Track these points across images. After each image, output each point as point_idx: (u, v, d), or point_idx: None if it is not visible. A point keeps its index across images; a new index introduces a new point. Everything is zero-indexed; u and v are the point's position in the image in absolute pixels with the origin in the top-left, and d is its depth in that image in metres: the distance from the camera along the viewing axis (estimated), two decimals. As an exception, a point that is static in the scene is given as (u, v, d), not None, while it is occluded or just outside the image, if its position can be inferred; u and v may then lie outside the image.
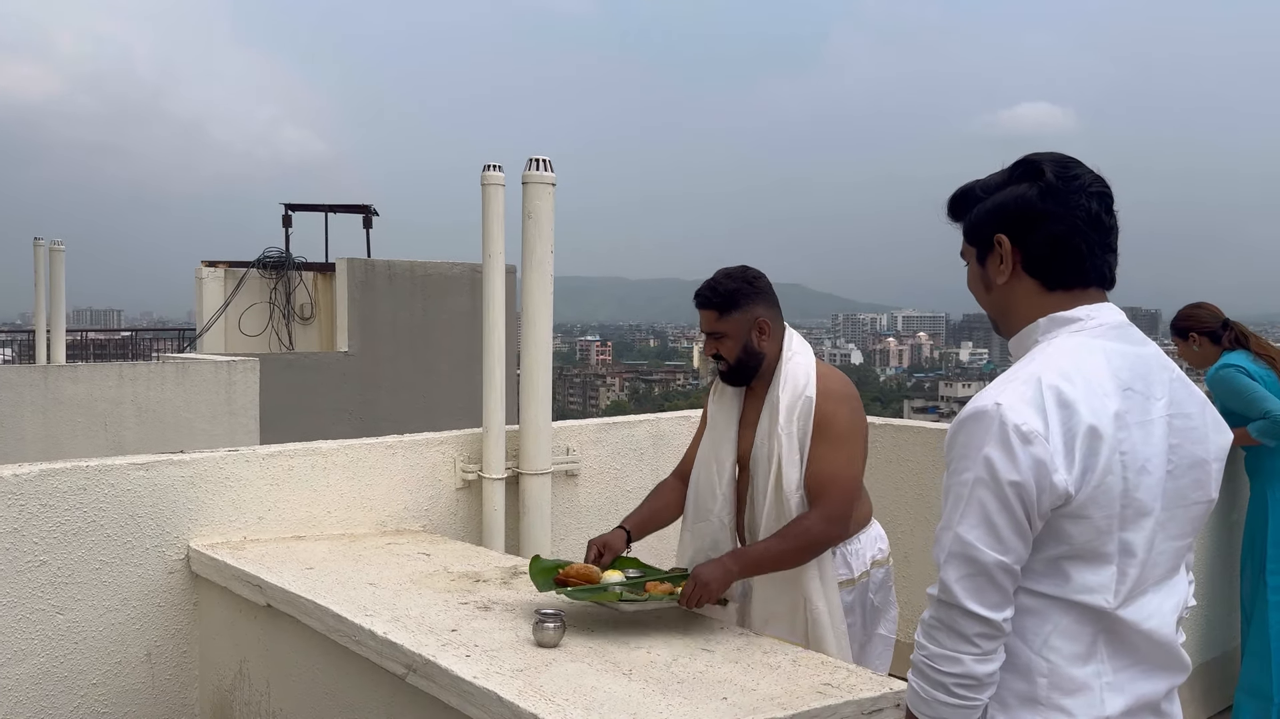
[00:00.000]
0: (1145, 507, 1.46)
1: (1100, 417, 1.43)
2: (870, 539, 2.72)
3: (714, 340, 2.70)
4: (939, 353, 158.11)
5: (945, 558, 1.45)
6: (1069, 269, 1.55)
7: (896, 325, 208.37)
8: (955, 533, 1.43)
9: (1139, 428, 1.46)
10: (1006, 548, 1.41)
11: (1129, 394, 1.47)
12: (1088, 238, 1.54)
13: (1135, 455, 1.45)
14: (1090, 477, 1.42)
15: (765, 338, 2.68)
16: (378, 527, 3.50)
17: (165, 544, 3.07)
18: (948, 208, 1.68)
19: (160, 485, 3.05)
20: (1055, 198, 1.54)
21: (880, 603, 2.73)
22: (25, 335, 14.92)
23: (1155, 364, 1.54)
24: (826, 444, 2.55)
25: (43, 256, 9.36)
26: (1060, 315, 1.54)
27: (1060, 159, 1.58)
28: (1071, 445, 1.41)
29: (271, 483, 3.27)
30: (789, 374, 2.63)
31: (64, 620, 2.91)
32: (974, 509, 1.42)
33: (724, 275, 2.71)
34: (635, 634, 2.36)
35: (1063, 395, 1.42)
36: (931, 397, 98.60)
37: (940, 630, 1.45)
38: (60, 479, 2.89)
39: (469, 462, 3.77)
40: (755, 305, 2.68)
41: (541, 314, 3.86)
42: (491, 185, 3.80)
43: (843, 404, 2.60)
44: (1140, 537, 1.46)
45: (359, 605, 2.51)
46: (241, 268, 11.08)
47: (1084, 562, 1.45)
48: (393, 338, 10.51)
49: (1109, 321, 1.54)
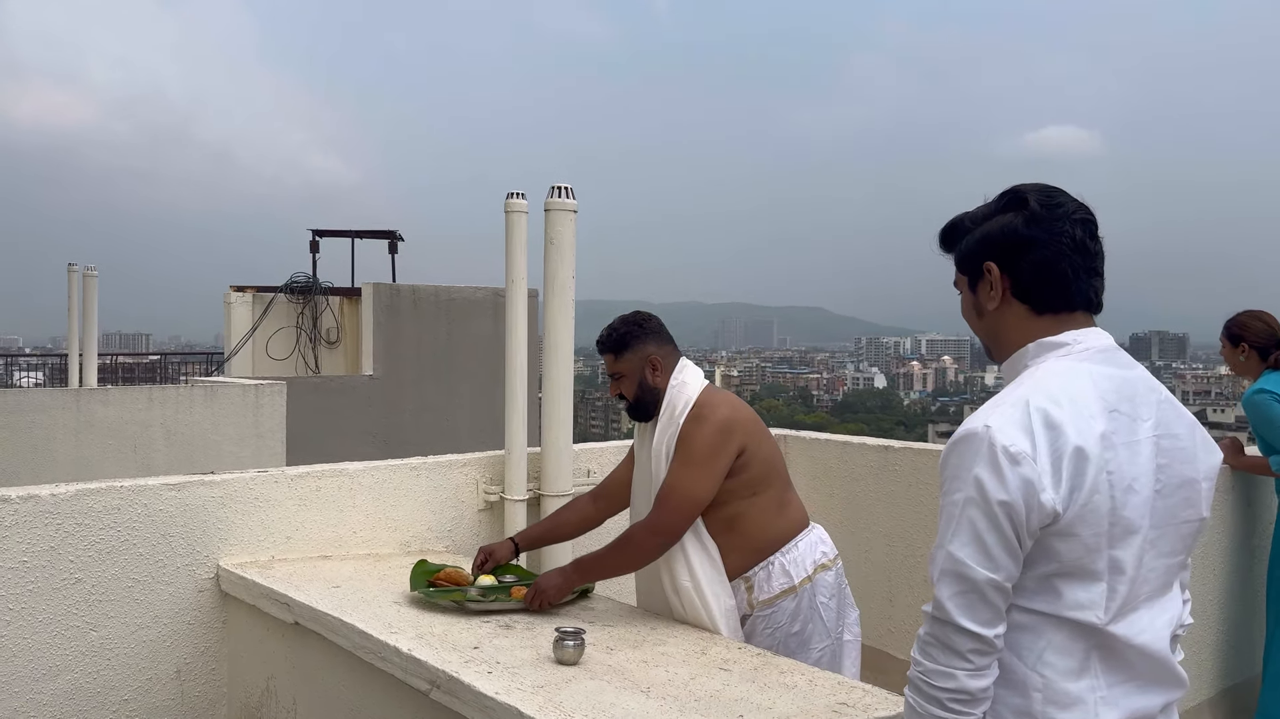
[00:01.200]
0: (1133, 524, 1.51)
1: (1086, 438, 1.47)
2: (809, 544, 2.81)
3: (615, 382, 2.94)
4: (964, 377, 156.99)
5: (938, 575, 1.50)
6: (1055, 293, 1.61)
7: (920, 349, 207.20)
8: (947, 551, 1.48)
9: (1125, 448, 1.51)
10: (997, 565, 1.46)
11: (1115, 415, 1.52)
12: (1072, 262, 1.60)
13: (1122, 475, 1.50)
14: (1078, 496, 1.46)
15: (658, 374, 2.88)
16: (402, 547, 3.57)
17: (196, 563, 3.14)
18: (939, 239, 1.77)
19: (191, 505, 3.13)
20: (1040, 225, 1.61)
21: (838, 607, 2.80)
22: (57, 359, 15.17)
23: (1142, 386, 1.60)
24: (677, 460, 2.72)
25: (76, 282, 9.55)
26: (1048, 340, 1.61)
27: (1044, 189, 1.65)
28: (1059, 465, 1.46)
29: (299, 503, 3.34)
30: (669, 401, 2.83)
31: (97, 637, 2.98)
32: (965, 528, 1.47)
33: (619, 321, 2.96)
34: (654, 653, 2.40)
35: (1050, 417, 1.47)
36: (956, 421, 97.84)
37: (934, 647, 1.50)
38: (95, 499, 2.97)
39: (491, 483, 3.83)
40: (646, 344, 2.90)
41: (563, 338, 3.92)
42: (515, 213, 3.87)
43: (701, 423, 2.73)
44: (1129, 554, 1.51)
45: (384, 623, 2.57)
46: (269, 292, 11.26)
47: (1074, 579, 1.50)
48: (417, 361, 10.63)
49: (1096, 345, 1.60)
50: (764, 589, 2.73)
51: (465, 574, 2.90)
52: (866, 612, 3.14)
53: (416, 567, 2.94)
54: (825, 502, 4.51)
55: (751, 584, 2.74)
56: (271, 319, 11.21)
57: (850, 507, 4.44)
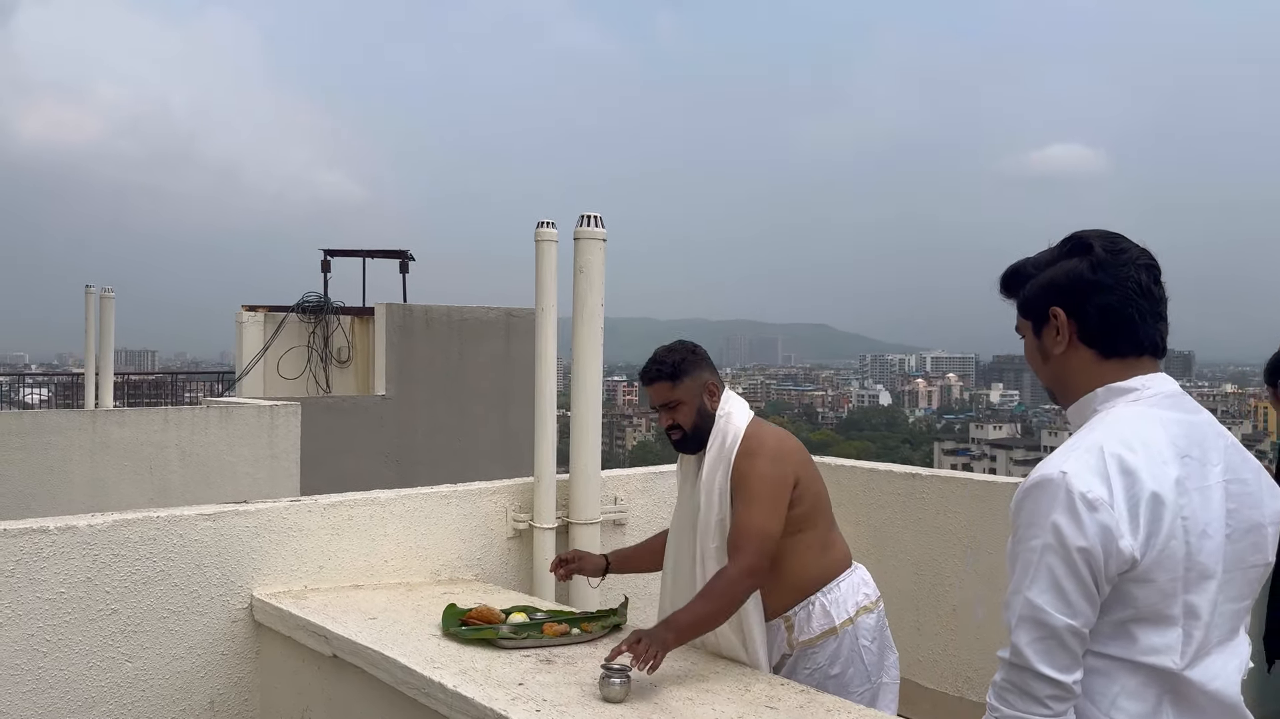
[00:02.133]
0: (1208, 570, 1.51)
1: (1162, 483, 1.48)
2: (852, 586, 2.77)
3: (669, 411, 2.84)
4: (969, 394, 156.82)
5: (1016, 622, 1.50)
6: (1123, 337, 1.62)
7: (925, 366, 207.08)
8: (1025, 597, 1.48)
9: (1199, 493, 1.52)
10: (1075, 612, 1.46)
11: (1187, 461, 1.53)
12: (1139, 306, 1.61)
13: (1196, 520, 1.51)
14: (1155, 541, 1.47)
15: (715, 399, 2.84)
16: (432, 575, 3.56)
17: (230, 593, 3.14)
18: (1000, 285, 1.77)
19: (226, 535, 3.13)
20: (1106, 270, 1.62)
21: (879, 650, 2.76)
22: (64, 378, 15.20)
23: (1210, 431, 1.61)
24: (740, 500, 2.65)
25: (93, 303, 9.58)
26: (1117, 385, 1.61)
27: (1107, 235, 1.66)
28: (1135, 512, 1.47)
29: (332, 532, 3.34)
30: (718, 432, 2.78)
31: (132, 668, 2.98)
32: (1043, 575, 1.47)
33: (666, 350, 2.88)
34: (699, 690, 2.39)
35: (1125, 463, 1.48)
36: (962, 439, 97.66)
37: (1012, 693, 1.49)
38: (132, 529, 2.97)
39: (520, 511, 3.82)
40: (702, 371, 2.85)
41: (591, 365, 3.93)
42: (545, 241, 3.89)
43: (755, 460, 2.68)
44: (1204, 599, 1.51)
45: (426, 657, 2.56)
46: (280, 312, 11.29)
47: (1150, 624, 1.50)
48: (428, 381, 10.64)
49: (1163, 391, 1.61)
50: (804, 629, 2.71)
51: (497, 612, 2.87)
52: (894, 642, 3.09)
53: (448, 610, 2.91)
54: (851, 529, 4.49)
55: (792, 623, 2.72)
56: (283, 339, 11.23)
57: (876, 535, 4.43)
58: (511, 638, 2.72)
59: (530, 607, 3.04)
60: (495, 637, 2.72)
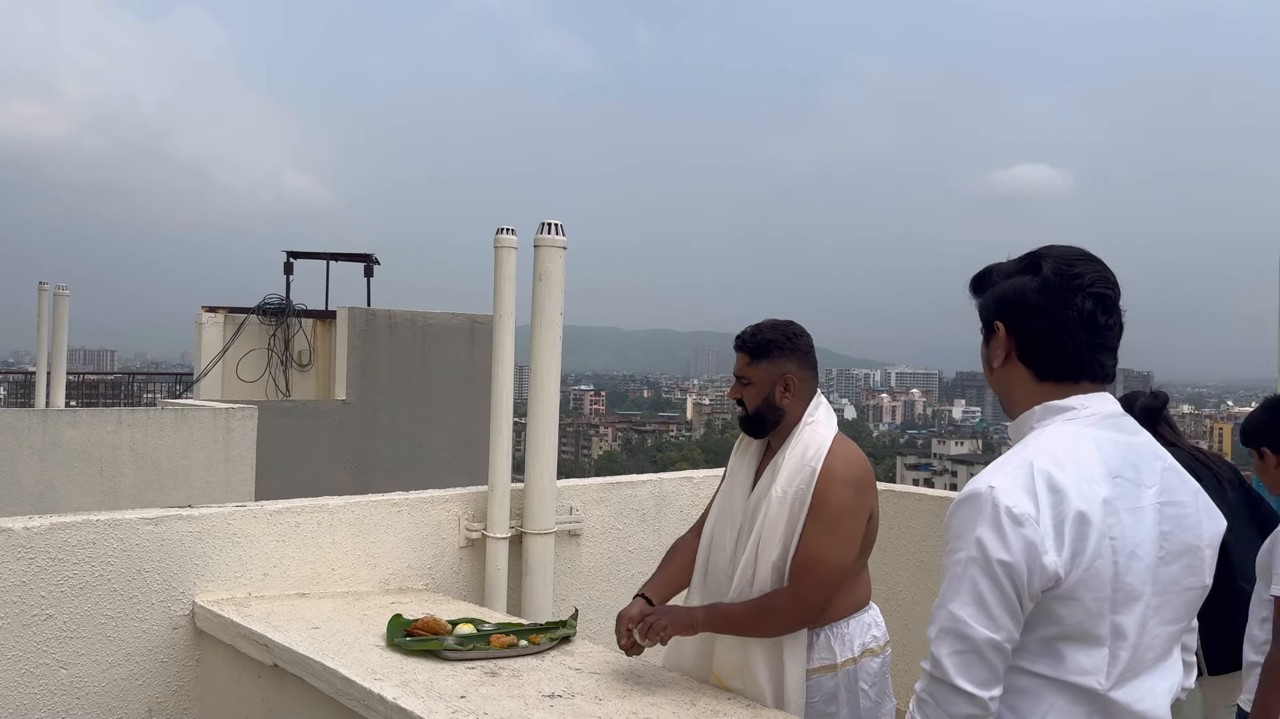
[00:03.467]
0: (1135, 591, 1.51)
1: (1089, 502, 1.48)
2: (862, 625, 2.60)
3: (740, 385, 2.68)
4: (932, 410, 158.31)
5: (937, 633, 1.50)
6: (1056, 363, 1.61)
7: (890, 381, 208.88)
8: (948, 610, 1.49)
9: (1129, 514, 1.52)
10: (997, 625, 1.46)
11: (1118, 481, 1.53)
12: (1075, 336, 1.59)
13: (1125, 541, 1.50)
14: (1080, 560, 1.47)
15: (789, 395, 2.63)
16: (381, 585, 3.51)
17: (170, 599, 3.07)
18: (970, 284, 1.76)
19: (168, 540, 3.06)
20: (1048, 294, 1.60)
21: (877, 696, 2.59)
22: (18, 375, 14.88)
23: (1146, 453, 1.61)
24: (816, 524, 2.46)
25: (46, 301, 9.41)
26: (1054, 404, 1.61)
27: (1067, 255, 1.63)
28: (1061, 529, 1.47)
29: (278, 539, 3.28)
30: (801, 439, 2.57)
31: (67, 675, 2.90)
32: (966, 587, 1.47)
33: (768, 325, 2.69)
34: (643, 704, 2.36)
35: (1053, 481, 1.48)
36: (925, 454, 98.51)
37: (929, 705, 1.50)
38: (70, 533, 2.90)
39: (473, 520, 3.78)
40: (787, 361, 2.64)
41: (549, 374, 3.90)
42: (504, 248, 3.86)
43: (844, 486, 2.49)
44: (1131, 620, 1.51)
45: (367, 668, 2.51)
46: (241, 313, 11.15)
47: (1077, 643, 1.50)
48: (390, 387, 10.54)
49: (1101, 411, 1.60)
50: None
51: (443, 623, 2.82)
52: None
53: (393, 620, 2.85)
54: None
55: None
56: (243, 340, 11.09)
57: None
58: (457, 649, 2.68)
59: (478, 619, 3.00)
60: (440, 648, 2.68)
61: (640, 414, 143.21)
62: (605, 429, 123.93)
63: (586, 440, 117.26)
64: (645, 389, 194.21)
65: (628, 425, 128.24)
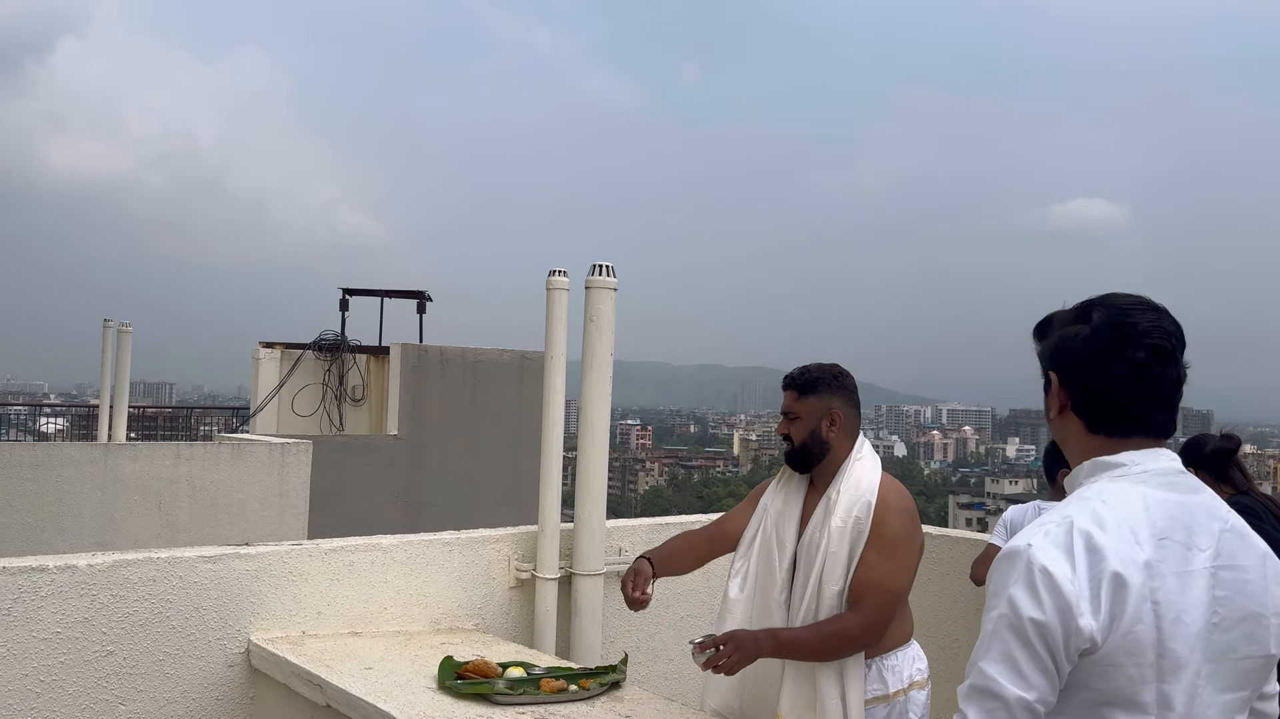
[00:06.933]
0: (1182, 658, 1.45)
1: (1127, 564, 1.44)
2: (908, 658, 2.72)
3: (787, 420, 2.84)
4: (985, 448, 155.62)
5: (968, 690, 1.47)
6: (1106, 417, 1.57)
7: (941, 419, 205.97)
8: (979, 668, 1.46)
9: (1176, 578, 1.47)
10: (1029, 685, 1.42)
11: (1165, 543, 1.48)
12: (1127, 389, 1.55)
13: (1170, 605, 1.45)
14: (1119, 624, 1.42)
15: (834, 430, 2.78)
16: (431, 624, 3.52)
17: (227, 637, 3.11)
18: (1034, 331, 1.73)
19: (225, 578, 3.11)
20: (1098, 344, 1.56)
21: None
22: (80, 409, 15.28)
23: (1203, 513, 1.54)
24: (876, 551, 2.60)
25: (110, 337, 9.67)
26: (1103, 460, 1.57)
27: (1123, 306, 1.58)
28: (1098, 590, 1.42)
29: (332, 578, 3.32)
30: (852, 474, 2.72)
31: (126, 711, 2.95)
32: (998, 645, 1.44)
33: (815, 365, 2.88)
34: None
35: (1092, 541, 1.44)
36: (978, 492, 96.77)
37: None
38: (132, 570, 2.96)
39: (523, 560, 3.79)
40: (833, 397, 2.81)
41: (600, 415, 3.92)
42: (556, 289, 3.90)
43: (900, 515, 2.64)
44: (1178, 689, 1.45)
45: (419, 712, 2.52)
46: (297, 349, 11.36)
47: (1121, 709, 1.45)
48: (441, 422, 10.64)
49: (1155, 469, 1.55)
50: None
51: (494, 666, 2.84)
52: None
53: (444, 662, 2.87)
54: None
55: None
56: (299, 375, 11.28)
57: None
58: (507, 693, 2.69)
59: (528, 662, 3.00)
60: (491, 692, 2.68)
61: (687, 449, 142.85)
62: (652, 464, 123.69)
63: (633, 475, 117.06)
64: (692, 424, 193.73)
65: (674, 460, 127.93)
